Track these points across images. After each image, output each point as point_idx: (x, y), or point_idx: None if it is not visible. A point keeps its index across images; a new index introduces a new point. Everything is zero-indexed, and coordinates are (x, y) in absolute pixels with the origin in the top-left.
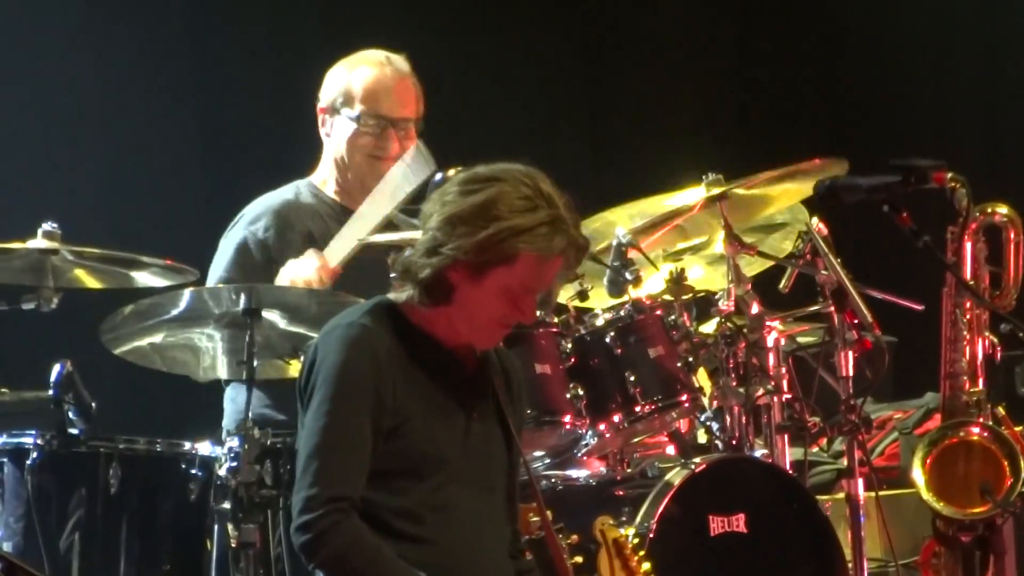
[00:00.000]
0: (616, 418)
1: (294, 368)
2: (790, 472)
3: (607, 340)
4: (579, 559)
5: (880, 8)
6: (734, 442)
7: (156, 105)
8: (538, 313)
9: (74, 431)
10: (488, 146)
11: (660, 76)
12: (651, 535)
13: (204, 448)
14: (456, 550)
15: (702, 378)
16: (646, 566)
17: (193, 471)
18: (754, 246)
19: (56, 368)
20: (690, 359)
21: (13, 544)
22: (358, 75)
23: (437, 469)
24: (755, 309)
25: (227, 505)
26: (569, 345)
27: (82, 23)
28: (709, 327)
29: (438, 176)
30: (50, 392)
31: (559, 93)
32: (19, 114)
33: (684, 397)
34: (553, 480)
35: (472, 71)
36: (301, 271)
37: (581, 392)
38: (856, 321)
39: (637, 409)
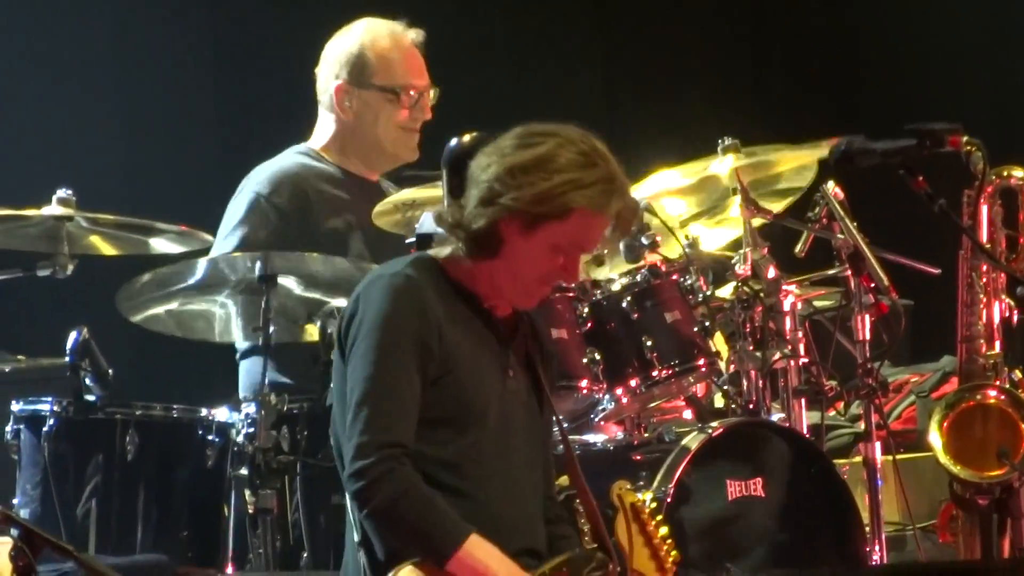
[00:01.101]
0: (633, 383)
1: (309, 333)
2: (807, 436)
3: (624, 305)
4: None
5: None
6: (751, 406)
7: (171, 71)
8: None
9: (91, 398)
10: (502, 115)
11: (676, 44)
12: (668, 500)
13: (221, 414)
14: (492, 505)
15: (719, 342)
16: (664, 530)
17: (210, 437)
18: (770, 210)
19: (72, 335)
20: (707, 323)
21: (30, 511)
22: (383, 48)
23: (477, 421)
24: (772, 273)
25: (244, 471)
26: (586, 310)
27: None
28: (726, 291)
29: (453, 142)
30: (66, 359)
31: (574, 61)
32: (34, 81)
33: (701, 361)
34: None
35: (486, 40)
36: None
37: (598, 357)
38: (873, 285)
39: (654, 374)
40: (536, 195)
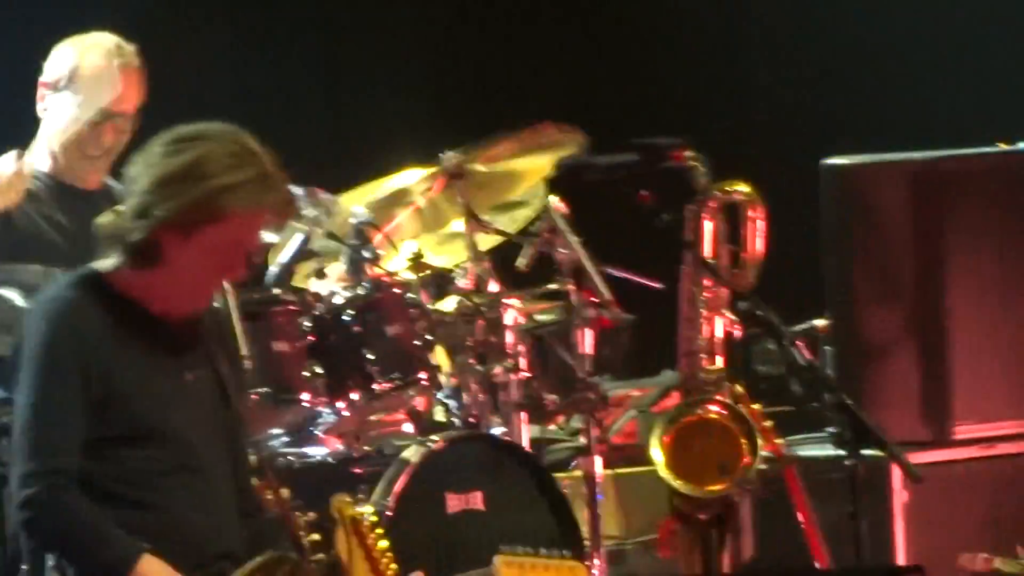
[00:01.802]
0: (354, 396)
1: None
2: (528, 450)
3: (345, 318)
4: (316, 537)
5: None
6: (472, 420)
7: None
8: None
9: None
10: (229, 119)
11: (395, 54)
12: (388, 513)
13: None
14: (182, 514)
15: (440, 356)
16: (383, 544)
17: None
18: (492, 224)
19: None
20: (428, 337)
21: None
22: (85, 61)
23: (153, 433)
24: (493, 287)
25: None
26: (307, 323)
27: None
28: (448, 305)
29: None
30: None
31: (296, 62)
32: None
33: (422, 375)
34: (290, 458)
35: (208, 44)
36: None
37: (319, 370)
38: (595, 299)
39: (375, 387)
40: (188, 204)
